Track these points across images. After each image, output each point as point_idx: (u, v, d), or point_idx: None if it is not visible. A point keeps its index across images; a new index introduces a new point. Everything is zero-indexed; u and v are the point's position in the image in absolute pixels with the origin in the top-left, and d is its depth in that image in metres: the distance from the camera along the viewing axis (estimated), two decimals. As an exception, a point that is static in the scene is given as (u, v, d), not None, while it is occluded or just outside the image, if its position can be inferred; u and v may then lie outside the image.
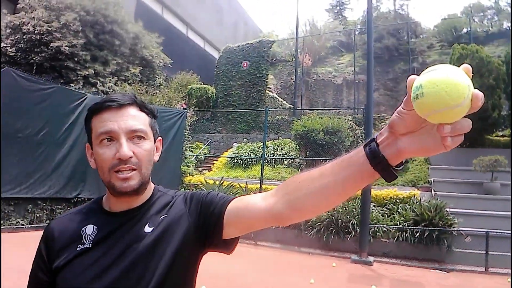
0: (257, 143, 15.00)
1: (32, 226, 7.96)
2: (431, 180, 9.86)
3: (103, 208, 1.07)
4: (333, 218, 8.29)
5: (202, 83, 19.35)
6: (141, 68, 13.62)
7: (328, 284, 5.99)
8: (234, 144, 16.27)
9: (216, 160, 15.17)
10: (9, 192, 7.65)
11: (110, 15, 12.34)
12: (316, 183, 0.85)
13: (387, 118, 13.86)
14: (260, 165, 10.78)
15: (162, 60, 14.99)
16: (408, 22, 23.01)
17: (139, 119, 1.02)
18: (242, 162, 13.98)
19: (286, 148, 14.00)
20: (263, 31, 31.98)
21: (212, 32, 24.93)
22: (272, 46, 20.27)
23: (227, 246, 1.03)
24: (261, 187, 9.70)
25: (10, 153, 7.63)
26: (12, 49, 10.98)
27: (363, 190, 7.59)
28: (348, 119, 13.85)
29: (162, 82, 15.20)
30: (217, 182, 10.43)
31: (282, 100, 20.78)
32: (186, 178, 11.93)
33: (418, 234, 7.58)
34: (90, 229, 1.02)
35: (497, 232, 7.25)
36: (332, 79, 23.62)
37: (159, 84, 14.57)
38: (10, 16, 11.56)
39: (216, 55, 23.21)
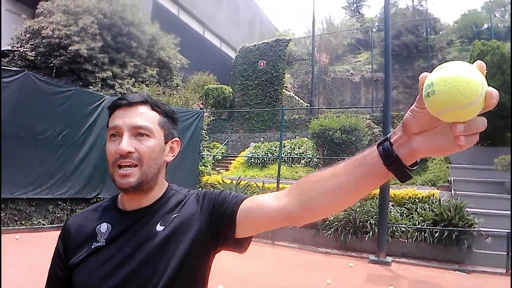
0: (274, 142, 14.99)
1: (53, 226, 8.13)
2: (451, 179, 9.67)
3: (117, 206, 1.10)
4: (350, 217, 8.22)
5: (219, 83, 19.39)
6: (158, 69, 13.71)
7: (345, 284, 5.95)
8: (251, 143, 16.30)
9: (233, 159, 15.23)
10: (30, 193, 7.83)
11: (127, 17, 12.47)
12: (329, 182, 0.84)
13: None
14: (277, 164, 10.78)
15: (179, 61, 15.05)
16: (427, 18, 22.55)
17: (145, 117, 1.03)
18: (259, 161, 13.99)
19: (303, 147, 13.95)
20: (279, 30, 31.87)
21: (228, 32, 24.95)
22: (289, 44, 20.17)
23: (240, 246, 1.03)
24: (278, 186, 9.68)
25: (31, 155, 7.80)
26: (32, 53, 11.19)
27: (381, 189, 7.53)
28: (366, 118, 13.71)
29: (179, 83, 15.26)
30: (234, 182, 10.46)
31: (299, 99, 20.70)
32: (203, 177, 12.00)
33: (437, 234, 7.45)
34: (104, 227, 1.05)
35: (519, 233, 7.07)
36: (350, 77, 23.38)
37: (176, 85, 14.63)
38: (29, 21, 11.77)
39: (232, 54, 23.20)
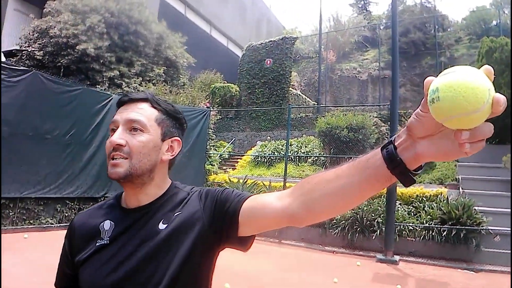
0: (281, 141, 14.96)
1: (61, 225, 8.17)
2: (458, 178, 9.58)
3: (121, 204, 1.10)
4: (357, 216, 8.19)
5: (226, 82, 19.38)
6: (165, 68, 13.73)
7: (352, 283, 5.93)
8: (258, 142, 16.28)
9: (240, 158, 15.21)
10: (39, 192, 7.87)
11: (134, 16, 12.48)
12: (331, 184, 0.83)
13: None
14: (283, 163, 10.76)
15: (186, 60, 15.05)
16: (435, 15, 22.37)
17: (142, 112, 1.04)
18: (266, 160, 13.97)
19: (310, 145, 13.89)
20: (286, 28, 31.78)
21: (235, 31, 24.91)
22: (295, 42, 20.06)
23: (243, 244, 1.03)
24: (284, 185, 9.66)
25: (39, 154, 7.83)
26: (40, 52, 11.24)
27: (388, 188, 7.47)
28: (373, 116, 13.64)
29: (186, 82, 15.26)
30: (241, 181, 10.45)
31: (306, 97, 20.64)
32: (210, 176, 12.01)
33: (445, 233, 7.40)
34: (107, 224, 1.06)
35: (528, 232, 6.98)
36: (357, 75, 23.27)
37: (183, 84, 14.63)
38: (37, 20, 11.83)
39: (239, 53, 23.17)
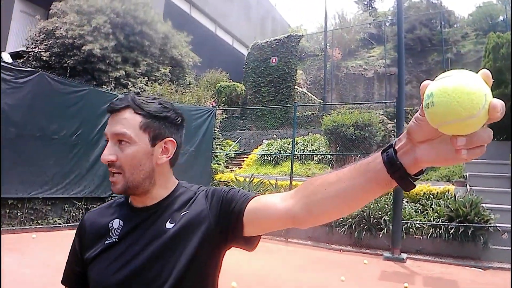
0: (287, 139, 14.96)
1: (69, 225, 8.22)
2: (466, 175, 9.50)
3: (129, 203, 1.11)
4: (364, 214, 8.17)
5: (231, 81, 19.38)
6: (171, 67, 13.76)
7: (359, 281, 5.92)
8: (264, 140, 16.29)
9: (246, 157, 15.22)
10: (46, 192, 7.93)
11: (139, 16, 12.53)
12: (333, 187, 0.82)
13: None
14: (290, 161, 10.75)
15: (191, 59, 15.07)
16: (441, 11, 22.25)
17: (126, 123, 1.01)
18: (272, 158, 13.98)
19: (316, 144, 13.88)
20: (291, 26, 31.74)
21: (240, 29, 24.90)
22: (301, 40, 20.05)
23: (249, 244, 1.03)
24: (291, 183, 9.66)
25: (47, 154, 7.88)
26: (46, 53, 11.31)
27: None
28: (379, 113, 13.56)
29: (192, 81, 15.29)
30: (247, 179, 10.46)
31: (312, 95, 20.63)
32: (216, 175, 12.03)
33: (452, 230, 7.36)
34: (116, 223, 1.07)
35: (537, 228, 6.93)
36: (363, 73, 23.23)
37: (188, 83, 14.66)
38: (43, 22, 11.90)
39: (244, 51, 23.17)
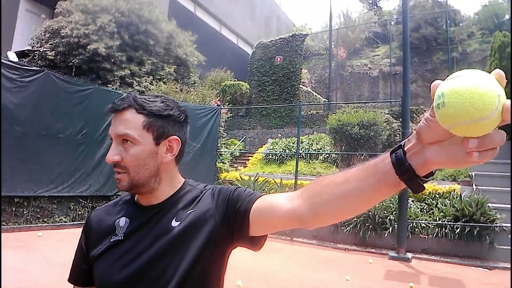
0: (291, 138, 14.97)
1: (75, 223, 8.26)
2: (472, 174, 9.46)
3: (135, 201, 1.12)
4: (370, 213, 8.15)
5: (236, 80, 19.40)
6: (175, 66, 13.79)
7: (364, 281, 5.91)
8: (268, 139, 16.30)
9: (251, 156, 15.24)
10: (52, 191, 7.97)
11: (144, 15, 12.56)
12: (339, 188, 0.81)
13: (425, 111, 13.46)
14: (295, 160, 10.75)
15: (196, 58, 15.10)
16: (447, 10, 22.14)
17: (128, 123, 1.01)
18: (277, 157, 13.99)
19: (321, 143, 13.86)
20: (296, 25, 31.69)
21: (245, 28, 24.89)
22: (306, 39, 20.04)
23: (255, 243, 1.03)
24: (296, 182, 9.66)
25: (52, 153, 7.92)
26: (52, 52, 11.37)
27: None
28: (384, 112, 13.52)
29: (197, 80, 15.31)
30: (252, 178, 10.47)
31: (317, 94, 20.59)
32: (221, 174, 12.05)
33: (458, 230, 7.35)
34: (123, 221, 1.08)
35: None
36: (368, 72, 23.16)
37: (193, 82, 14.68)
38: (48, 21, 11.98)
39: (249, 50, 23.15)
